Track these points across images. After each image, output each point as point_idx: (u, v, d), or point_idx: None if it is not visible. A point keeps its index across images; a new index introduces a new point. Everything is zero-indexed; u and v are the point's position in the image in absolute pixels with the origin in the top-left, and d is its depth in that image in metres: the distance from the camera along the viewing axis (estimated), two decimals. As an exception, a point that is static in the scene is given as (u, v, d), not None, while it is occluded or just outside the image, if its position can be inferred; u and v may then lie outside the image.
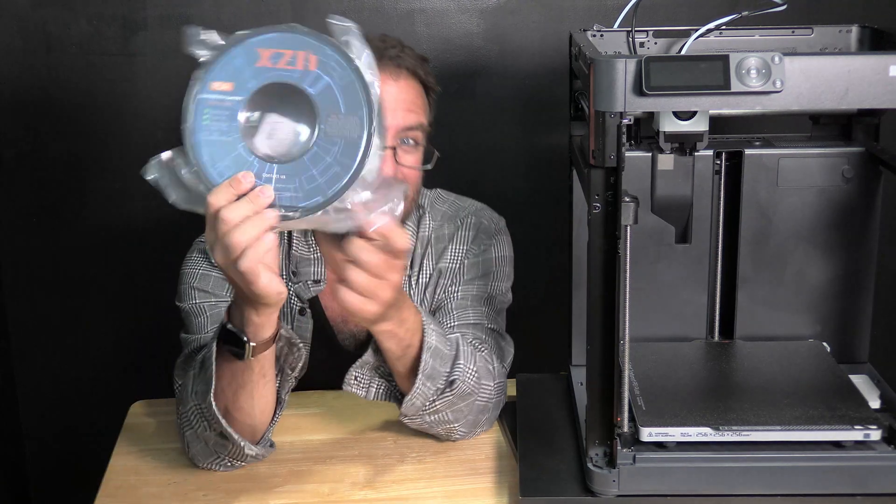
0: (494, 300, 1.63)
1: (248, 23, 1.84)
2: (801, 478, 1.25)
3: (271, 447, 1.44)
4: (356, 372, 1.45)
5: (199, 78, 1.17)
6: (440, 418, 1.44)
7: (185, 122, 1.17)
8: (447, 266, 1.64)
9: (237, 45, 1.18)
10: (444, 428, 1.46)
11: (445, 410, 1.43)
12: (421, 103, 1.58)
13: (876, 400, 1.38)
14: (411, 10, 2.16)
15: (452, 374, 1.40)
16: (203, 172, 1.16)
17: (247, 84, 1.16)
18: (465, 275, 1.63)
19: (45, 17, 2.14)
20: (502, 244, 1.68)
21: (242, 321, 1.27)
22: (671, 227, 1.46)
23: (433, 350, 1.38)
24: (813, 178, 1.48)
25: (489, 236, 1.67)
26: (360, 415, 1.56)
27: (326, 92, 1.16)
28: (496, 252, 1.66)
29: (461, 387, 1.41)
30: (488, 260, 1.65)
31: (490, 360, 1.50)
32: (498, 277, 1.65)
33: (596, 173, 1.18)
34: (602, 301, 1.22)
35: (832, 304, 1.52)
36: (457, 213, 1.69)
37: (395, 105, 1.52)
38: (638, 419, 1.28)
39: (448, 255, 1.65)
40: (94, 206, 2.25)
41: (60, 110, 2.19)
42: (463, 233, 1.67)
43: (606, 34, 1.47)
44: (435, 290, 1.64)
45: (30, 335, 2.34)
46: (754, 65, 1.13)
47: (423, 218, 1.68)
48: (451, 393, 1.41)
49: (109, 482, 1.43)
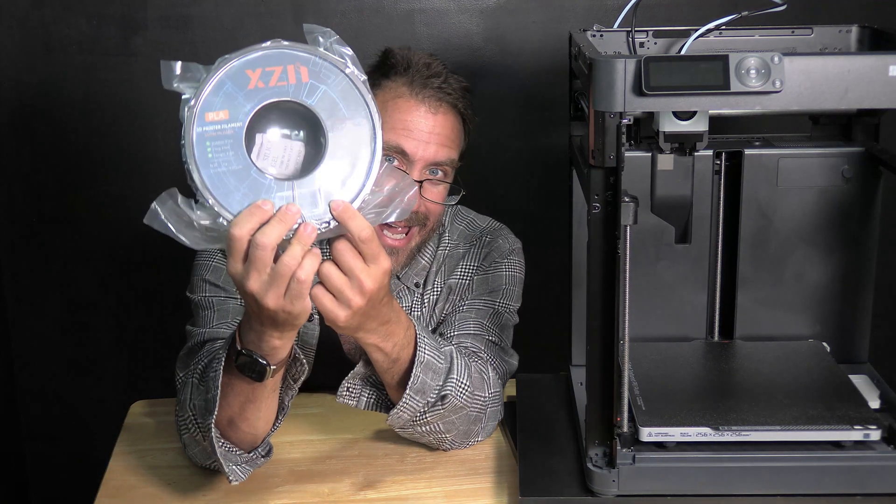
0: (500, 316, 1.61)
1: (248, 23, 1.85)
2: (801, 478, 1.25)
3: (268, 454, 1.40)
4: (348, 383, 1.43)
5: (190, 113, 1.13)
6: (431, 429, 1.42)
7: (189, 160, 1.13)
8: (457, 282, 1.64)
9: (223, 72, 1.13)
10: (434, 438, 1.44)
11: (437, 422, 1.41)
12: (455, 137, 1.57)
13: (876, 400, 1.38)
14: (411, 10, 2.16)
15: (444, 389, 1.38)
16: (221, 206, 1.13)
17: (243, 108, 1.13)
18: (474, 290, 1.63)
19: (45, 17, 2.14)
20: (514, 265, 1.67)
21: (260, 344, 1.23)
22: (671, 227, 1.45)
23: (425, 364, 1.36)
24: (813, 178, 1.48)
25: (502, 256, 1.66)
26: (361, 415, 1.56)
27: (325, 99, 1.14)
28: (507, 271, 1.65)
29: (453, 401, 1.39)
30: (498, 277, 1.64)
31: (485, 370, 1.48)
32: (506, 296, 1.63)
33: (596, 173, 1.18)
34: (602, 301, 1.22)
35: (832, 304, 1.52)
36: (473, 232, 1.69)
37: (428, 138, 1.52)
38: (638, 419, 1.28)
39: (458, 272, 1.65)
40: (94, 207, 2.25)
41: (60, 110, 2.19)
42: (476, 251, 1.67)
43: (606, 34, 1.47)
44: (444, 305, 1.64)
45: (30, 335, 2.34)
46: (754, 65, 1.13)
47: (442, 237, 1.67)
48: (442, 407, 1.39)
49: (109, 482, 1.43)
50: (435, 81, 1.53)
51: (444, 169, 1.55)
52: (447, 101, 1.54)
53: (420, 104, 1.53)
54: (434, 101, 1.53)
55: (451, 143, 1.55)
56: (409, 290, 1.63)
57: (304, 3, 2.13)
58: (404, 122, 1.52)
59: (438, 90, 1.53)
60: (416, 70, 1.54)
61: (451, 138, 1.55)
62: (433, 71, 1.54)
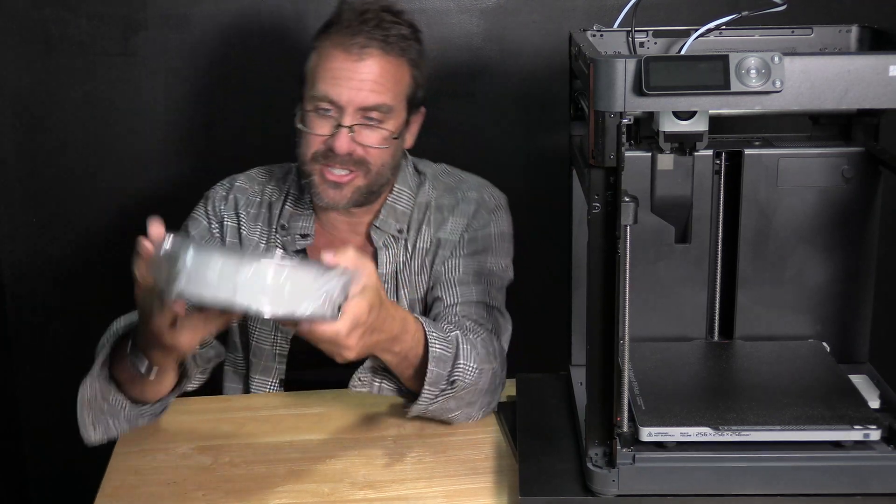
0: (494, 276, 1.67)
1: (248, 22, 1.85)
2: (801, 478, 1.25)
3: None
4: (359, 375, 1.51)
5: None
6: (442, 407, 1.48)
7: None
8: (446, 238, 1.69)
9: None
10: (446, 416, 1.50)
11: (448, 402, 1.47)
12: (387, 81, 1.59)
13: (876, 400, 1.38)
14: (411, 11, 2.13)
15: (453, 375, 1.44)
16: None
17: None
18: (465, 249, 1.68)
19: (45, 17, 2.14)
20: (502, 220, 1.72)
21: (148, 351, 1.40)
22: (671, 227, 1.46)
23: (437, 358, 1.43)
24: (813, 178, 1.48)
25: (489, 212, 1.71)
26: (360, 415, 1.56)
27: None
28: (495, 228, 1.70)
29: (461, 384, 1.45)
30: (487, 235, 1.69)
31: (490, 342, 1.53)
32: (497, 253, 1.69)
33: (596, 173, 1.18)
34: (602, 301, 1.22)
35: (832, 304, 1.52)
36: (458, 185, 1.73)
37: (356, 85, 1.56)
38: (638, 419, 1.28)
39: (448, 227, 1.69)
40: (94, 206, 2.25)
41: (60, 110, 2.19)
42: (464, 206, 1.71)
43: (606, 34, 1.47)
44: (433, 259, 1.68)
45: (30, 335, 2.34)
46: (754, 65, 1.13)
47: (422, 185, 1.72)
48: (451, 390, 1.45)
49: (109, 482, 1.43)
50: (365, 28, 1.57)
51: (377, 115, 1.58)
52: (376, 46, 1.57)
53: (346, 52, 1.57)
54: (359, 48, 1.56)
55: (381, 88, 1.57)
56: (393, 237, 1.68)
57: (304, 4, 2.13)
58: (332, 70, 1.57)
59: (367, 36, 1.57)
60: (347, 20, 1.59)
61: (382, 83, 1.58)
62: (364, 18, 1.58)
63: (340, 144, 1.56)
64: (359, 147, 1.58)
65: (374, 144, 1.59)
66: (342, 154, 1.57)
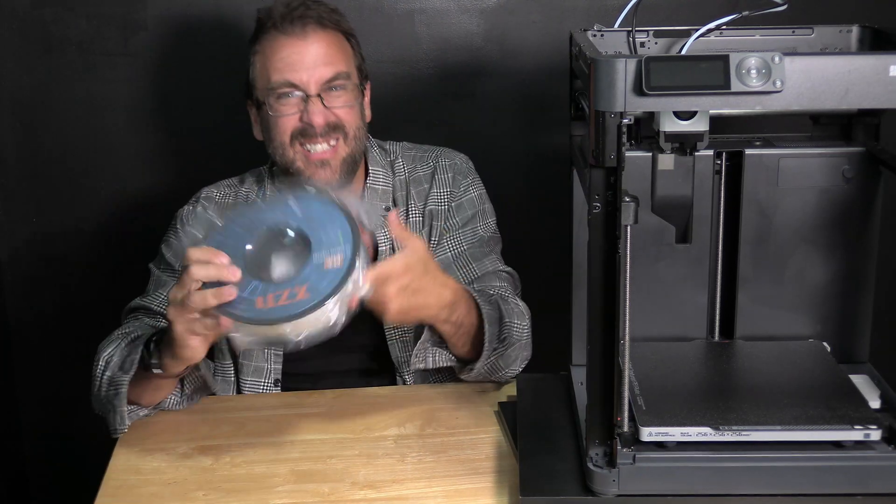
0: (493, 240, 1.79)
1: (248, 23, 1.84)
2: (801, 478, 1.25)
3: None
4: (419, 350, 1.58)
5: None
6: (494, 366, 1.58)
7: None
8: (436, 208, 1.78)
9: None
10: (495, 375, 1.61)
11: (499, 361, 1.58)
12: (336, 52, 1.69)
13: (876, 400, 1.38)
14: (411, 10, 2.16)
15: (503, 333, 1.56)
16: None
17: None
18: (456, 217, 1.77)
19: (45, 17, 2.14)
20: (477, 182, 1.83)
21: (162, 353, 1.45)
22: (671, 227, 1.45)
23: (489, 320, 1.54)
24: (813, 178, 1.48)
25: (464, 176, 1.81)
26: (360, 415, 1.56)
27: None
28: (475, 191, 1.81)
29: (510, 340, 1.57)
30: (471, 200, 1.79)
31: (517, 302, 1.66)
32: (485, 216, 1.79)
33: (596, 173, 1.18)
34: (602, 301, 1.22)
35: (832, 304, 1.52)
36: (426, 154, 1.83)
37: (310, 63, 1.65)
38: (638, 419, 1.28)
39: (434, 198, 1.78)
40: (94, 206, 2.25)
41: (60, 110, 2.19)
42: (441, 175, 1.79)
43: (607, 34, 1.47)
44: (430, 231, 1.77)
45: (30, 335, 2.34)
46: (754, 65, 1.13)
47: (395, 162, 1.81)
48: (502, 348, 1.57)
49: (109, 482, 1.43)
50: (295, 13, 1.66)
51: (338, 84, 1.68)
52: (312, 23, 1.66)
53: (289, 36, 1.66)
54: (300, 28, 1.65)
55: (332, 59, 1.67)
56: (383, 217, 1.73)
57: (304, 3, 2.13)
58: (282, 57, 1.66)
59: (300, 18, 1.65)
60: (277, 13, 1.67)
61: (331, 54, 1.68)
62: (292, 7, 1.67)
63: (316, 115, 1.64)
64: (331, 113, 1.66)
65: (345, 104, 1.68)
66: (320, 126, 1.65)
